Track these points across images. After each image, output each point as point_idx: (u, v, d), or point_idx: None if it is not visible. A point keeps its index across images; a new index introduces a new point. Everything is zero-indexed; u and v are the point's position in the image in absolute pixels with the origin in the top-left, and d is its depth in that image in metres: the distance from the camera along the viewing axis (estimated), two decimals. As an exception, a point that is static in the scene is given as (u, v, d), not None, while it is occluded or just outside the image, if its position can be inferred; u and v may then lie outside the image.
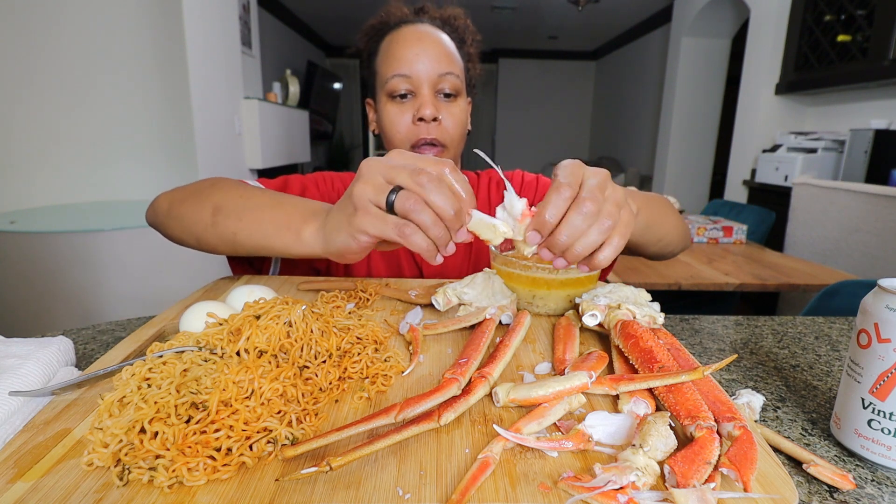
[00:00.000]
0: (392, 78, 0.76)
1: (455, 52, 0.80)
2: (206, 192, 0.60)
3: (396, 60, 0.76)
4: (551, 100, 7.17)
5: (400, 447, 0.33)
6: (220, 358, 0.39)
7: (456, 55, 0.80)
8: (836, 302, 1.11)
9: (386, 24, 0.82)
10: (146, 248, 1.76)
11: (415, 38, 0.77)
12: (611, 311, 0.48)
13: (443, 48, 0.78)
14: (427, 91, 0.77)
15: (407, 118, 0.77)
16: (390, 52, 0.77)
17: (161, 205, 0.65)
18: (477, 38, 0.85)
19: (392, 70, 0.76)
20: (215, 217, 0.56)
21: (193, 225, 0.59)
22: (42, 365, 0.42)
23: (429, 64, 0.76)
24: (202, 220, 0.58)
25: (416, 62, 0.75)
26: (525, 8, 4.95)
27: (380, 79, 0.79)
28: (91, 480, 0.29)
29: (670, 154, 4.29)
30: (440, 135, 0.78)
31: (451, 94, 0.78)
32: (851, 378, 0.39)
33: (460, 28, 0.83)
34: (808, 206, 2.34)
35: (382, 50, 0.79)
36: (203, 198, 0.59)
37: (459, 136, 0.81)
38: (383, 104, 0.78)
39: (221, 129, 2.63)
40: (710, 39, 4.09)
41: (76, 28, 2.09)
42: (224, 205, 0.57)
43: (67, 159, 2.19)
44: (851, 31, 2.48)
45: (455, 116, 0.79)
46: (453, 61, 0.79)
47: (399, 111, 0.77)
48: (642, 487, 0.28)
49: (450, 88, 0.78)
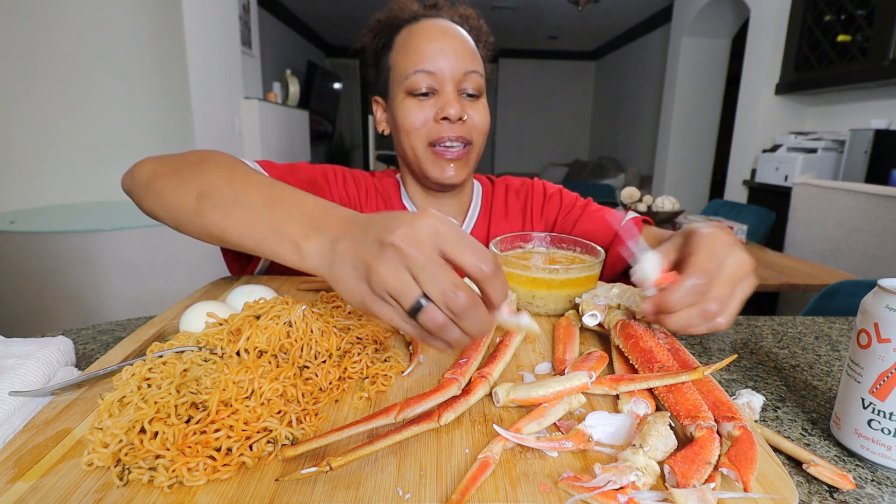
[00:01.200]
0: (414, 74, 0.71)
1: (477, 50, 0.76)
2: (193, 169, 0.52)
3: (418, 55, 0.71)
4: (551, 100, 7.17)
5: (400, 447, 0.33)
6: (220, 358, 0.39)
7: (478, 53, 0.76)
8: (836, 302, 1.11)
9: (398, 18, 0.77)
10: (146, 248, 1.76)
11: (438, 33, 0.72)
12: (611, 311, 0.48)
13: (467, 45, 0.74)
14: (451, 89, 0.72)
15: (428, 115, 0.72)
16: (410, 46, 0.72)
17: (141, 173, 0.56)
18: (490, 39, 0.82)
19: (413, 65, 0.71)
20: (199, 204, 0.48)
21: (174, 209, 0.51)
22: (42, 365, 0.42)
23: (454, 60, 0.72)
24: (185, 206, 0.50)
25: (440, 57, 0.71)
26: (525, 8, 4.95)
27: (396, 74, 0.74)
28: (91, 480, 0.29)
29: (670, 154, 4.29)
30: (466, 132, 0.74)
31: (473, 95, 0.74)
32: (851, 378, 0.39)
33: (475, 28, 0.80)
34: (808, 206, 2.34)
35: (399, 44, 0.74)
36: (188, 177, 0.51)
37: (485, 136, 0.78)
38: (400, 101, 0.73)
39: (221, 129, 2.63)
40: (710, 39, 4.09)
41: (76, 28, 2.09)
42: (211, 191, 0.48)
43: (67, 159, 2.19)
44: (851, 31, 2.48)
45: (481, 115, 0.75)
46: (477, 59, 0.75)
47: (419, 108, 0.72)
48: (642, 487, 0.28)
49: (473, 88, 0.74)
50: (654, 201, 2.17)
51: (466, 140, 0.74)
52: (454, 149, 0.73)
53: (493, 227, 0.84)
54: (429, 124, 0.73)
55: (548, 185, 0.89)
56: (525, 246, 0.67)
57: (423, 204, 0.81)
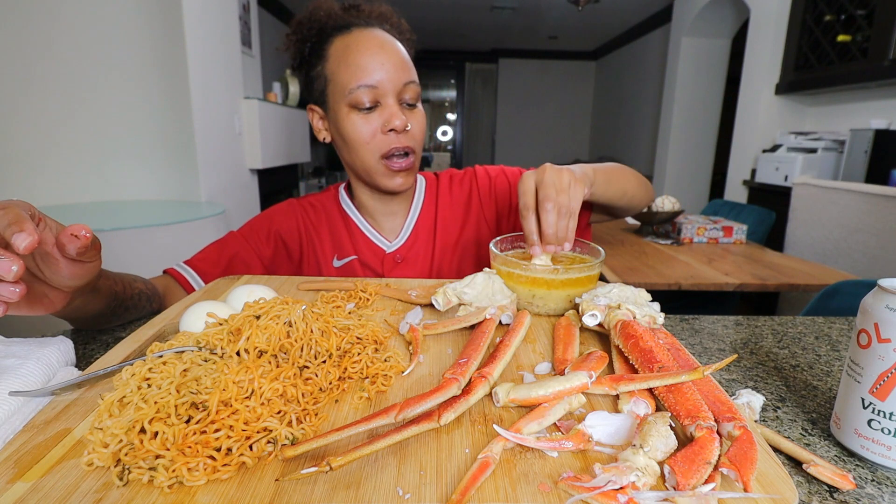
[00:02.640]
0: (357, 89, 0.74)
1: (409, 60, 0.79)
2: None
3: (360, 70, 0.74)
4: (551, 100, 7.17)
5: (400, 447, 0.33)
6: (220, 358, 0.39)
7: (411, 62, 0.79)
8: (836, 302, 1.11)
9: (326, 25, 0.79)
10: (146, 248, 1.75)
11: (376, 46, 0.75)
12: (611, 311, 0.48)
13: (402, 56, 0.77)
14: (393, 101, 0.76)
15: (375, 127, 0.76)
16: (350, 60, 0.74)
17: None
18: (412, 37, 0.84)
19: (356, 80, 0.74)
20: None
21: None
22: (42, 365, 0.42)
23: (393, 73, 0.75)
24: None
25: (380, 71, 0.74)
26: (525, 8, 4.95)
27: (337, 87, 0.76)
28: (91, 480, 0.29)
29: (670, 154, 4.29)
30: (411, 142, 0.78)
31: (412, 104, 0.78)
32: (851, 378, 0.39)
33: (396, 26, 0.82)
34: (808, 206, 2.34)
35: (335, 56, 0.76)
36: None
37: (423, 142, 0.83)
38: (345, 115, 0.76)
39: (221, 129, 2.63)
40: (710, 39, 4.09)
41: (76, 28, 2.09)
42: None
43: (67, 159, 2.18)
44: (851, 31, 2.48)
45: (420, 123, 0.80)
46: (412, 69, 0.79)
47: (366, 121, 0.76)
48: (642, 487, 0.28)
49: (411, 98, 0.77)
50: (654, 201, 2.17)
51: (411, 149, 0.79)
52: (402, 160, 0.78)
53: (439, 216, 0.89)
54: (377, 137, 0.76)
55: (490, 167, 0.93)
56: (525, 246, 0.67)
57: (371, 205, 0.87)
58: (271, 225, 0.87)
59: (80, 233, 0.43)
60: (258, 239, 0.85)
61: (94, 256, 0.49)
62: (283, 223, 0.87)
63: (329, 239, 0.88)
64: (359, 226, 0.88)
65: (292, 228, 0.88)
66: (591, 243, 0.63)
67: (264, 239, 0.85)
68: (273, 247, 0.86)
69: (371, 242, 0.87)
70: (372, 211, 0.88)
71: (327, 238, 0.88)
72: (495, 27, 5.69)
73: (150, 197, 2.35)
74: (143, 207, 2.15)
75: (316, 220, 0.89)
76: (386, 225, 0.89)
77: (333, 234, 0.89)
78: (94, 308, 0.58)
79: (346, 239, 0.88)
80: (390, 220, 0.88)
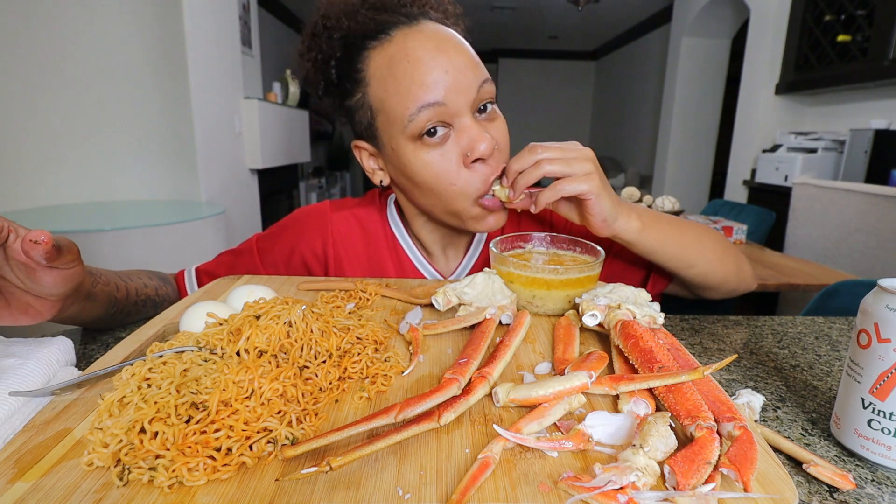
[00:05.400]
0: (419, 113, 0.55)
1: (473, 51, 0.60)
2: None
3: (418, 87, 0.55)
4: (551, 100, 7.18)
5: (400, 447, 0.33)
6: (220, 358, 0.39)
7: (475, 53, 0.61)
8: (836, 302, 1.11)
9: (347, 31, 0.59)
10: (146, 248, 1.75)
11: (432, 49, 0.56)
12: (611, 311, 0.48)
13: (467, 52, 0.58)
14: (469, 118, 0.57)
15: (455, 161, 0.58)
16: (400, 78, 0.55)
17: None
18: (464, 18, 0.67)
19: (415, 101, 0.55)
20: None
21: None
22: (42, 365, 0.42)
23: (462, 78, 0.56)
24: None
25: (445, 80, 0.55)
26: (525, 8, 4.95)
27: (391, 118, 0.57)
28: (91, 480, 0.29)
29: (670, 154, 4.29)
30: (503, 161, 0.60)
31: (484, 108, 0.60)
32: (851, 378, 0.39)
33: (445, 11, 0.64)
34: (808, 206, 2.34)
35: (378, 76, 0.57)
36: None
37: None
38: (410, 151, 0.58)
39: (221, 129, 2.63)
40: (710, 39, 4.09)
41: (76, 28, 2.09)
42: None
43: (68, 159, 2.18)
44: (851, 31, 2.48)
45: (503, 130, 0.62)
46: (480, 63, 0.60)
47: (442, 157, 0.57)
48: (642, 487, 0.28)
49: (488, 98, 0.59)
50: (654, 201, 2.17)
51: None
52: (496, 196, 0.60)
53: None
54: (462, 173, 0.58)
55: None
56: (525, 246, 0.67)
57: (430, 239, 0.73)
58: (296, 246, 0.74)
59: (39, 238, 0.42)
60: (275, 261, 0.74)
61: (71, 263, 0.47)
62: (311, 244, 0.74)
63: (366, 261, 0.74)
64: (409, 256, 0.73)
65: (318, 251, 0.74)
66: (591, 243, 0.63)
67: (283, 263, 0.74)
68: (291, 271, 0.75)
69: (422, 276, 0.73)
70: (429, 244, 0.73)
71: (363, 258, 0.74)
72: (495, 27, 5.69)
73: (150, 197, 2.35)
74: (144, 207, 2.15)
75: (351, 235, 0.74)
76: (441, 258, 0.75)
77: (372, 255, 0.74)
78: (90, 314, 0.58)
79: (388, 265, 0.74)
80: (449, 252, 0.75)
